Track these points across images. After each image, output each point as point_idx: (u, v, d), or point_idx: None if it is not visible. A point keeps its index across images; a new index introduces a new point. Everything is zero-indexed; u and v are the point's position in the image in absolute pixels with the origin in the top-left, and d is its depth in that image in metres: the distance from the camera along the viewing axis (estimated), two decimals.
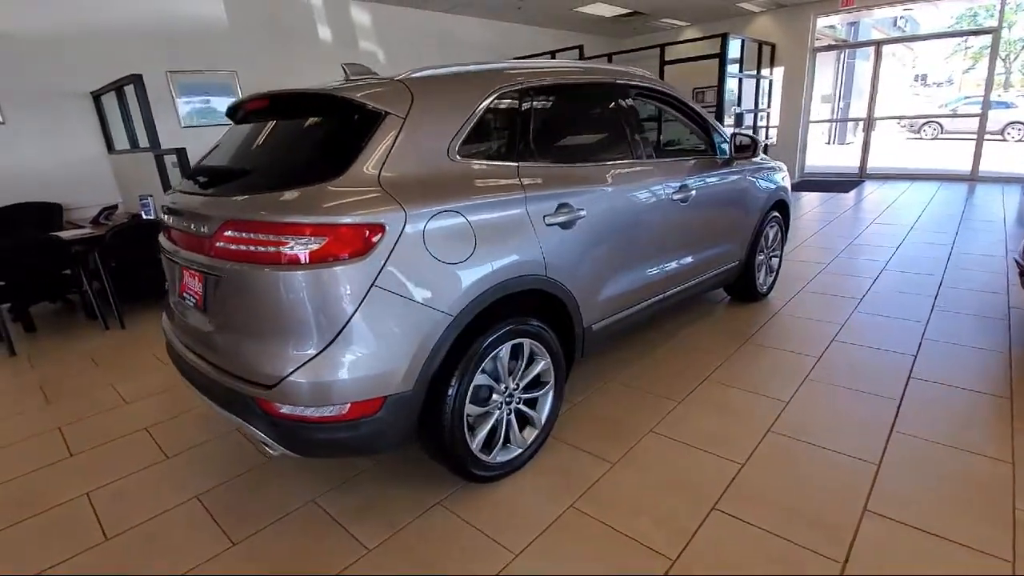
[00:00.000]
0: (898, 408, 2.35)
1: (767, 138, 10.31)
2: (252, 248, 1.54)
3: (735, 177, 3.13)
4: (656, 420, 2.38)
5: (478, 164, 1.86)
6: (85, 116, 5.26)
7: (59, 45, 4.99)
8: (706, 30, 10.02)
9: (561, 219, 2.03)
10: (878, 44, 9.31)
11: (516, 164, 1.97)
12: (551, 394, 2.16)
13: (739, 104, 8.97)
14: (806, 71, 9.44)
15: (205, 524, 1.93)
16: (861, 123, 9.96)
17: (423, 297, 1.63)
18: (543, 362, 2.09)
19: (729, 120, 8.76)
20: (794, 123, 9.79)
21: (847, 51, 16.62)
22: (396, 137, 1.69)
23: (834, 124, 17.41)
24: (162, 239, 2.06)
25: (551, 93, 2.19)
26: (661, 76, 8.71)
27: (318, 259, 1.50)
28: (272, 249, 1.51)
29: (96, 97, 5.20)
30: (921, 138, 16.96)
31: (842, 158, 12.46)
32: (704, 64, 8.35)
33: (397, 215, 1.57)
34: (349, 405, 1.58)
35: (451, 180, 1.76)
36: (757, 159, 3.45)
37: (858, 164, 9.66)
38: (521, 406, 2.06)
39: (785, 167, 3.81)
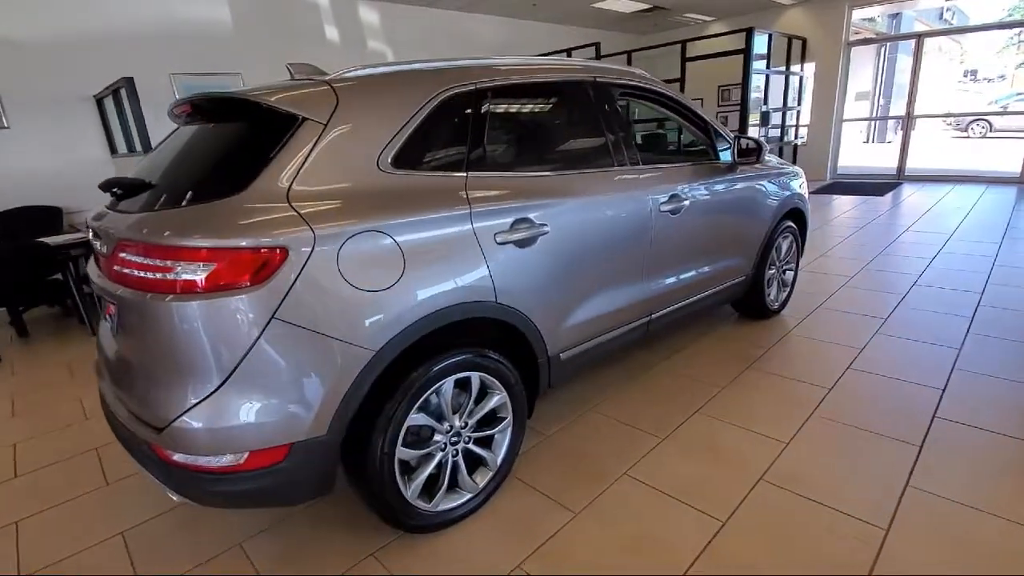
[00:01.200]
0: (917, 456, 2.03)
1: (797, 138, 9.79)
2: (139, 273, 1.36)
3: (740, 184, 2.82)
4: (634, 460, 2.11)
5: (416, 176, 1.63)
6: (88, 119, 5.25)
7: (62, 49, 4.99)
8: (732, 25, 9.58)
9: (517, 236, 1.78)
10: (919, 37, 8.70)
11: (464, 175, 1.73)
12: (509, 431, 1.92)
13: (765, 102, 8.52)
14: (840, 66, 8.90)
15: (121, 567, 1.76)
16: (900, 122, 9.35)
17: (336, 330, 1.41)
18: (497, 397, 1.85)
19: (754, 119, 8.33)
20: (826, 122, 9.26)
21: (888, 46, 15.79)
22: (313, 146, 1.48)
23: (873, 123, 16.59)
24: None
25: (511, 94, 1.95)
26: (682, 74, 8.35)
27: (208, 287, 1.30)
28: (157, 275, 1.32)
29: (98, 101, 5.19)
30: (968, 137, 16.00)
31: (880, 158, 11.79)
32: (729, 61, 7.95)
33: (303, 236, 1.36)
34: (247, 454, 1.38)
35: (379, 195, 1.54)
36: (770, 163, 3.14)
37: (896, 165, 9.07)
38: (471, 446, 1.83)
39: (802, 172, 3.47)
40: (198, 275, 1.29)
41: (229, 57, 5.93)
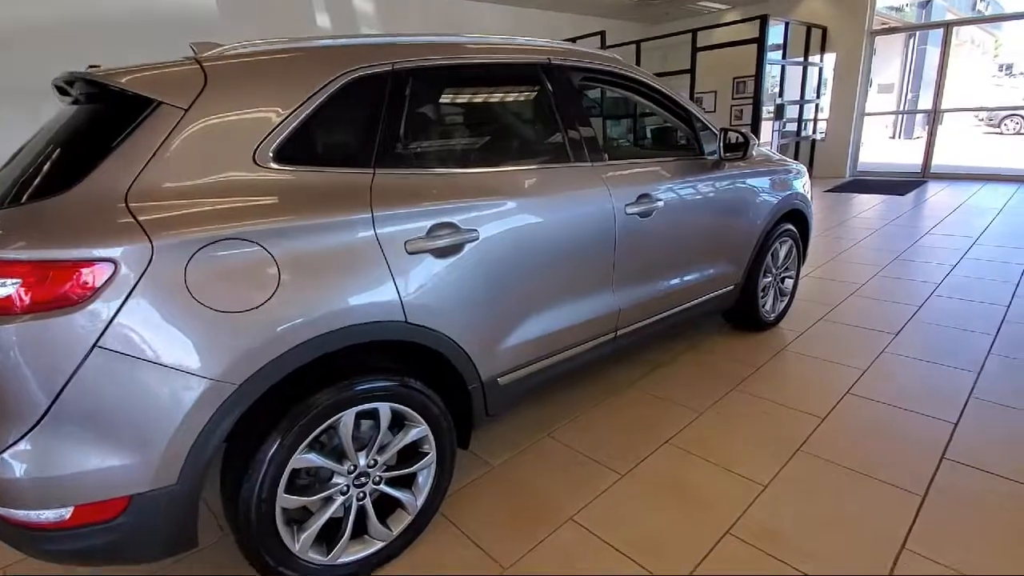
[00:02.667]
0: (919, 508, 1.71)
1: (815, 132, 9.32)
2: None
3: (726, 183, 2.50)
4: (585, 500, 1.83)
5: (304, 173, 1.37)
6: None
7: (33, 36, 4.82)
8: (748, 13, 9.11)
9: (436, 244, 1.51)
10: (948, 26, 8.17)
11: (370, 172, 1.46)
12: (433, 469, 1.66)
13: (781, 95, 8.08)
14: (862, 57, 8.41)
15: None
16: (928, 117, 8.82)
17: (182, 361, 1.16)
18: (416, 430, 1.59)
19: (768, 112, 7.91)
20: (846, 116, 8.77)
21: (918, 36, 15.09)
22: (168, 136, 1.22)
23: (900, 117, 15.90)
24: None
25: (438, 77, 1.67)
26: (692, 65, 7.96)
27: (15, 308, 1.05)
28: None
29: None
30: (1002, 133, 15.23)
31: (905, 155, 11.22)
32: (744, 51, 7.55)
33: (138, 247, 1.11)
34: (72, 509, 1.14)
35: (252, 195, 1.28)
36: (767, 159, 2.81)
37: (921, 162, 8.55)
38: (384, 487, 1.57)
39: (804, 169, 3.12)
40: (2, 292, 1.05)
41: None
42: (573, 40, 8.36)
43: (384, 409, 1.50)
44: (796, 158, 9.15)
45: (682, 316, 2.50)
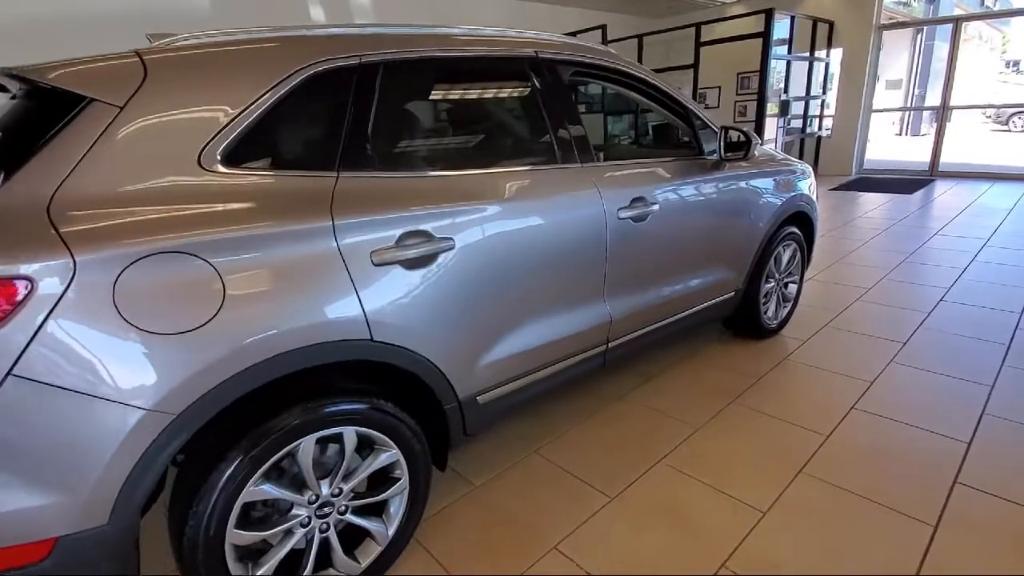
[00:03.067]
0: (930, 540, 1.59)
1: (821, 129, 9.14)
2: None
3: (727, 184, 2.36)
4: (570, 527, 1.71)
5: (258, 176, 1.24)
6: None
7: (27, 31, 4.70)
8: (753, 6, 8.93)
9: (406, 255, 1.38)
10: (957, 21, 7.97)
11: (333, 176, 1.33)
12: (406, 495, 1.54)
13: (786, 90, 7.91)
14: (869, 52, 8.22)
15: None
16: (935, 114, 8.64)
17: (110, 390, 1.03)
18: (387, 454, 1.46)
19: (773, 109, 7.74)
20: (853, 112, 8.59)
21: (925, 32, 14.84)
22: (100, 136, 1.10)
23: (907, 114, 15.68)
24: None
25: (412, 71, 1.53)
26: (696, 60, 7.80)
27: None
28: None
29: None
30: (1009, 130, 15.00)
31: (912, 152, 11.03)
32: (748, 46, 7.37)
33: (58, 262, 0.98)
34: None
35: (196, 202, 1.15)
36: (771, 158, 2.68)
37: (928, 160, 8.37)
38: (351, 517, 1.45)
39: (809, 169, 2.98)
40: None
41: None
42: (574, 34, 8.20)
43: (349, 433, 1.38)
44: (801, 155, 8.99)
45: (679, 325, 2.37)
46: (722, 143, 2.25)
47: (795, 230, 2.86)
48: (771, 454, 2.00)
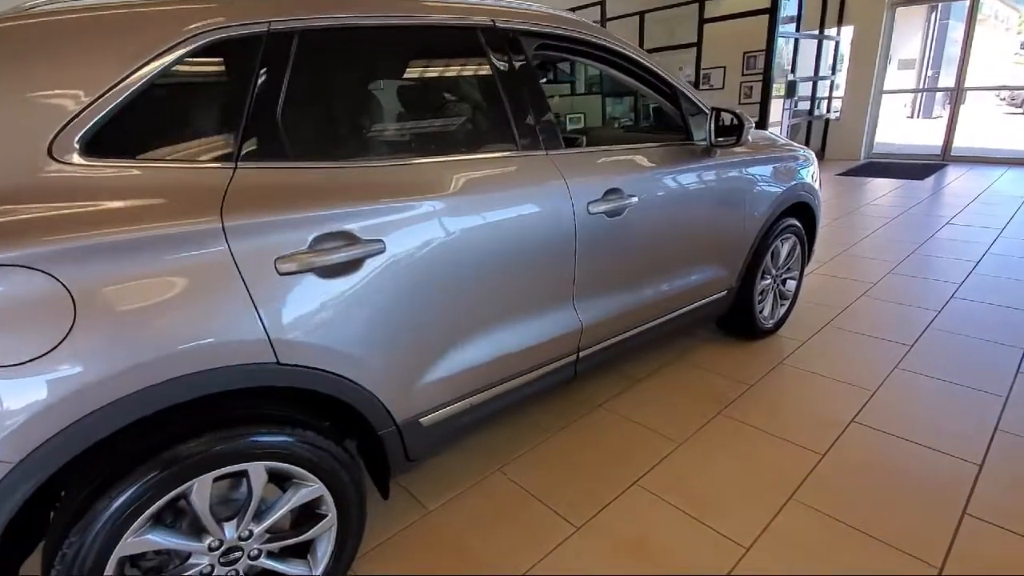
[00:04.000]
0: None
1: (829, 111, 8.79)
2: None
3: (718, 173, 2.12)
4: (531, 561, 1.52)
5: (130, 169, 1.03)
6: None
7: None
8: None
9: (324, 261, 1.17)
10: None
11: (230, 168, 1.11)
12: (334, 532, 1.35)
13: (793, 71, 7.57)
14: (882, 31, 7.85)
15: None
16: (949, 96, 8.27)
17: None
18: (307, 489, 1.27)
19: (779, 90, 7.41)
20: (863, 94, 8.24)
21: (940, 9, 14.31)
22: None
23: (919, 95, 15.21)
24: None
25: (333, 41, 1.30)
26: (699, 38, 7.47)
27: None
28: None
29: None
30: None
31: (924, 135, 10.66)
32: (755, 23, 7.02)
33: None
34: None
35: (43, 201, 0.94)
36: (770, 143, 2.44)
37: (941, 143, 8.04)
38: (266, 561, 1.27)
39: (812, 156, 2.73)
40: None
41: None
42: (572, 11, 7.85)
43: (256, 470, 1.18)
44: (808, 138, 8.66)
45: (662, 330, 2.16)
46: (712, 127, 2.00)
47: (795, 222, 2.62)
48: (759, 476, 1.80)
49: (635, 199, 1.80)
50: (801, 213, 2.69)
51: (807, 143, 8.67)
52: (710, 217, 2.15)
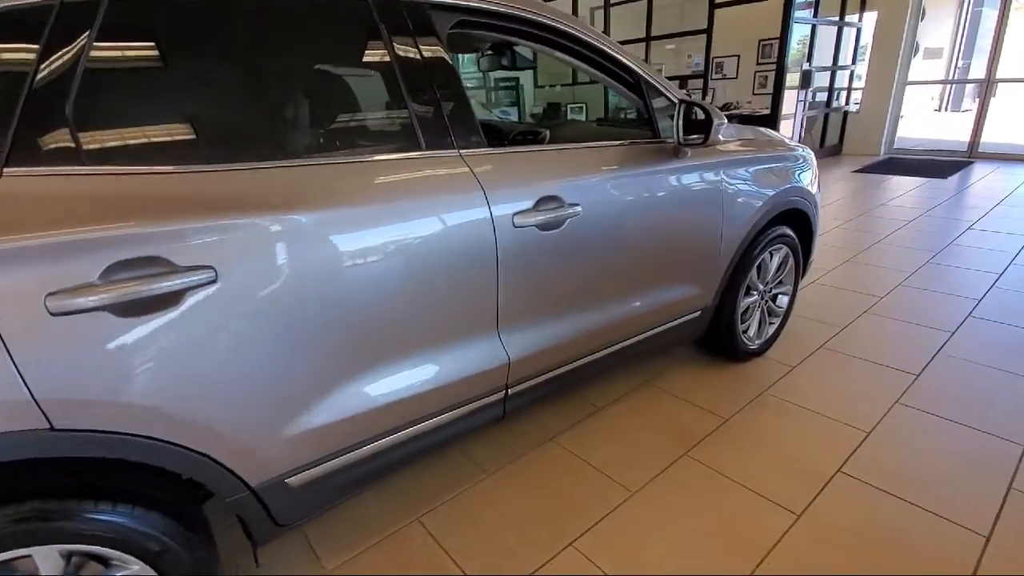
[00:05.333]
0: None
1: (849, 103, 8.32)
2: None
3: (688, 177, 1.81)
4: None
5: None
6: None
7: None
8: None
9: (123, 296, 0.90)
10: None
11: None
12: None
13: (809, 59, 7.12)
14: (908, 17, 7.35)
15: None
16: (979, 87, 7.75)
17: None
18: (127, 571, 1.02)
19: (792, 80, 6.98)
20: (886, 85, 7.76)
21: None
22: None
23: (947, 87, 14.50)
24: None
25: (156, 14, 1.03)
26: (709, 23, 7.04)
27: None
28: None
29: None
30: None
31: (950, 130, 10.09)
32: (772, 9, 6.59)
33: None
34: None
35: None
36: (758, 139, 2.13)
37: (968, 139, 7.54)
38: None
39: (810, 155, 2.41)
40: None
41: None
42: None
43: (47, 555, 0.93)
44: (824, 132, 8.20)
45: (617, 359, 1.87)
46: (680, 123, 1.69)
47: (787, 231, 2.30)
48: (718, 541, 1.52)
49: (579, 208, 1.51)
50: (795, 221, 2.37)
51: (823, 137, 8.22)
52: (678, 228, 1.84)
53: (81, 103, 0.93)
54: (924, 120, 12.24)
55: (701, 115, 1.64)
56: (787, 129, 7.07)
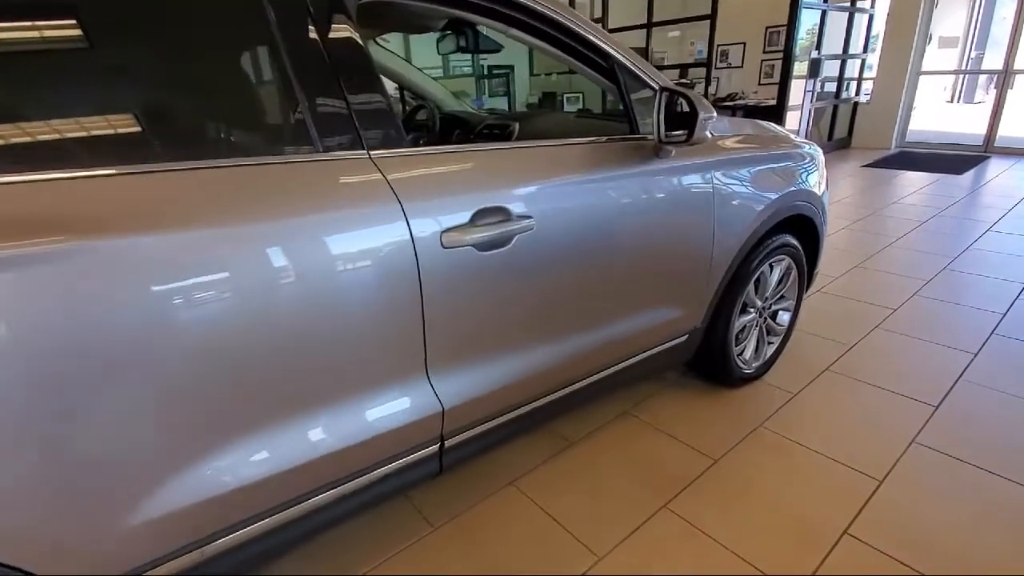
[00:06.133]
0: None
1: (858, 93, 7.95)
2: None
3: (670, 180, 1.52)
4: None
5: None
6: None
7: None
8: None
9: None
10: None
11: None
12: None
13: (818, 47, 6.76)
14: (922, 4, 6.97)
15: None
16: (995, 78, 7.38)
17: None
18: None
19: (800, 69, 6.63)
20: (898, 74, 7.39)
21: None
22: None
23: (961, 78, 14.06)
24: None
25: None
26: (713, 10, 6.68)
27: None
28: None
29: None
30: None
31: (965, 123, 9.71)
32: None
33: None
34: None
35: None
36: (760, 134, 1.84)
37: (984, 133, 7.18)
38: None
39: (819, 154, 2.11)
40: None
41: None
42: None
43: None
44: (833, 124, 7.86)
45: (581, 397, 1.59)
46: (660, 117, 1.39)
47: (790, 240, 2.01)
48: None
49: (531, 221, 1.22)
50: (800, 228, 2.08)
51: (832, 129, 7.87)
52: (659, 241, 1.55)
53: None
54: (936, 112, 11.83)
55: (685, 107, 1.34)
56: (794, 121, 6.73)
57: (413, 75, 2.40)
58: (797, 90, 6.64)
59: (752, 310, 2.04)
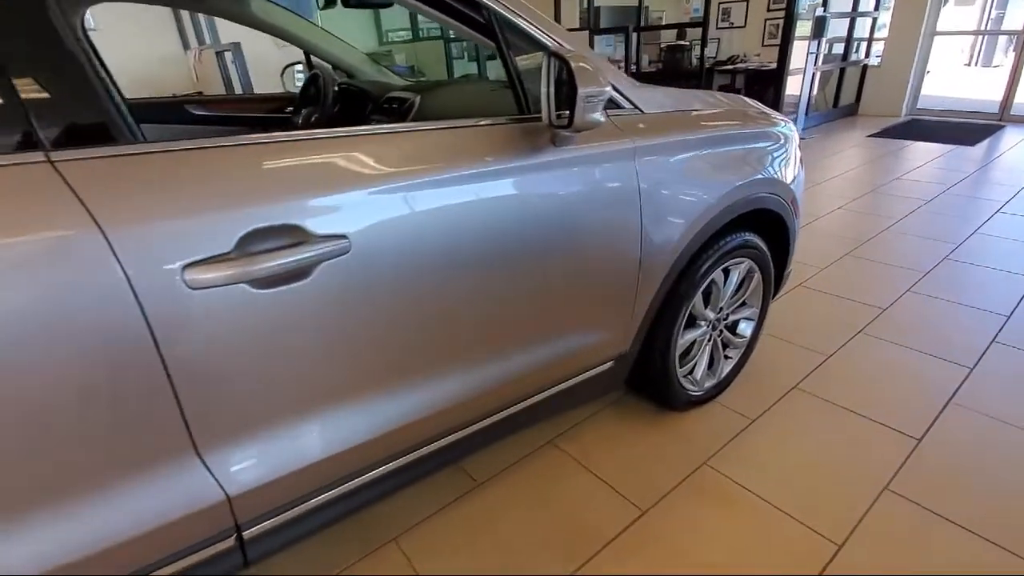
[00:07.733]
0: None
1: (868, 56, 7.37)
2: None
3: (570, 175, 1.16)
4: None
5: None
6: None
7: None
8: None
9: None
10: None
11: None
12: None
13: (824, 5, 6.18)
14: None
15: None
16: (1015, 40, 6.79)
17: None
18: None
19: (803, 29, 6.08)
20: (911, 35, 6.81)
21: None
22: None
23: (979, 39, 13.25)
24: None
25: None
26: None
27: None
28: None
29: None
30: None
31: (982, 89, 9.09)
32: None
33: None
34: None
35: None
36: (730, 114, 1.48)
37: (1000, 99, 6.64)
38: None
39: (791, 132, 1.74)
40: None
41: None
42: None
43: None
44: (839, 89, 7.32)
45: (458, 452, 1.27)
46: (550, 91, 1.03)
47: (751, 239, 1.65)
48: None
49: (344, 242, 0.88)
50: (764, 224, 1.72)
51: (837, 95, 7.33)
52: (557, 253, 1.20)
53: None
54: (951, 76, 11.14)
55: (564, 76, 0.98)
56: (795, 87, 6.22)
57: (313, 36, 2.01)
58: (801, 52, 6.11)
59: (702, 323, 1.70)
